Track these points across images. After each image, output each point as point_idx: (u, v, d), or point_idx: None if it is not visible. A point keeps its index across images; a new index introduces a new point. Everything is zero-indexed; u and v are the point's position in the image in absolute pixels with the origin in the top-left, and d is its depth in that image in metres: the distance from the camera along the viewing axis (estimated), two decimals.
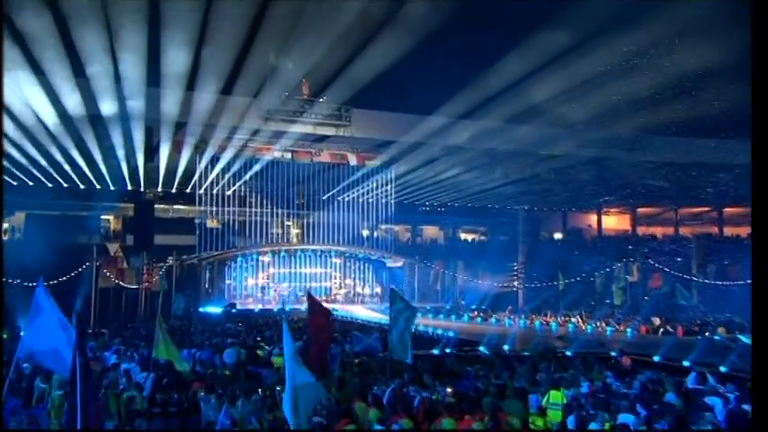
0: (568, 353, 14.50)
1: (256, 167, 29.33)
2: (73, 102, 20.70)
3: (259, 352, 12.85)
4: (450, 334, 18.36)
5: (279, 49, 23.37)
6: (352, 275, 32.61)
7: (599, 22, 18.50)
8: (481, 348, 15.47)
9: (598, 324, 22.76)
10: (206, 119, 23.83)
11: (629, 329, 21.40)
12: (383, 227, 34.91)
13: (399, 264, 32.04)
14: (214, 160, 28.21)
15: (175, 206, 32.64)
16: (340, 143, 29.66)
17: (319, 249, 31.45)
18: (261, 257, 30.90)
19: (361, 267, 32.66)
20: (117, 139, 24.13)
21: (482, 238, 39.63)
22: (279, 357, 11.94)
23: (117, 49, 18.56)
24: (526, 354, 14.39)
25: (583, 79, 21.91)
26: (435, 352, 14.83)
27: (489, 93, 22.30)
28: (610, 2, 17.99)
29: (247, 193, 31.31)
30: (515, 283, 31.22)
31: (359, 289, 32.28)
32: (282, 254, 30.95)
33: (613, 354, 13.85)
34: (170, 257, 27.63)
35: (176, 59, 19.73)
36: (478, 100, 22.80)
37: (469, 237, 39.98)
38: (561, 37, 19.85)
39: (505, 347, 15.85)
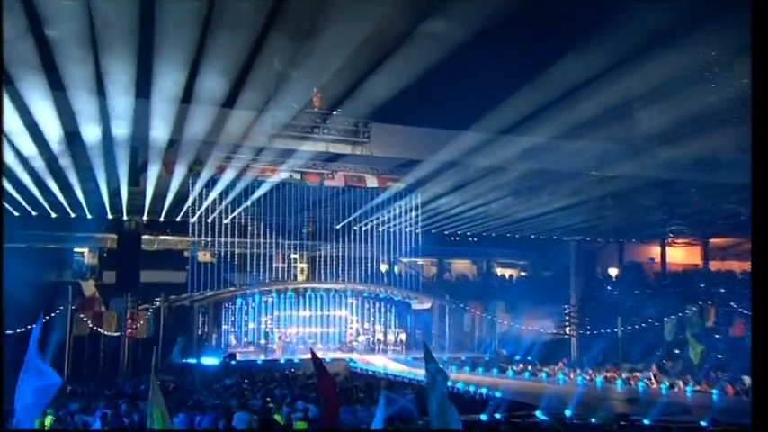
0: (646, 421, 13.83)
1: (259, 192, 29.54)
2: (44, 115, 20.71)
3: (278, 417, 12.36)
4: (498, 394, 17.63)
5: (289, 55, 23.62)
6: (372, 319, 32.55)
7: (672, 18, 18.49)
8: (538, 413, 14.81)
9: (674, 382, 21.92)
10: (203, 135, 23.89)
11: (714, 390, 20.54)
12: (405, 260, 35.01)
13: (427, 305, 31.69)
14: (210, 183, 28.32)
15: (162, 237, 32.86)
16: (357, 163, 29.69)
17: (333, 288, 31.15)
18: (264, 298, 30.53)
19: (383, 310, 32.58)
20: (96, 159, 24.20)
21: (522, 273, 39.18)
22: (302, 423, 11.63)
23: (100, 54, 18.57)
24: (594, 421, 13.76)
25: (649, 87, 21.79)
26: (483, 418, 14.26)
27: (535, 104, 22.31)
28: None
29: (248, 222, 31.62)
30: (567, 329, 30.52)
31: (379, 335, 32.11)
32: (289, 293, 30.85)
33: (703, 423, 13.17)
34: (157, 299, 27.35)
35: (171, 67, 19.80)
36: (522, 112, 22.81)
37: (507, 272, 39.68)
38: (622, 38, 19.67)
39: (567, 412, 15.18)
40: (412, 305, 32.23)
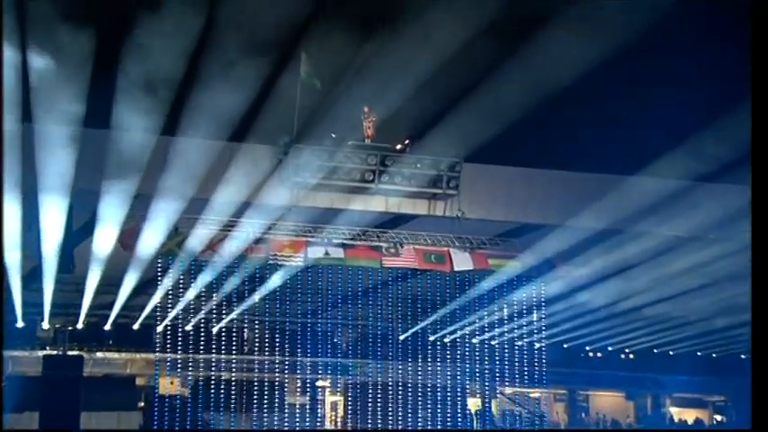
0: None
1: (273, 279, 29.97)
2: None
3: None
4: None
5: (331, 59, 24.96)
6: None
7: None
8: None
9: None
10: (188, 189, 24.32)
11: None
12: (508, 391, 35.66)
13: None
14: (193, 267, 28.90)
15: (102, 354, 33.71)
16: (437, 229, 29.86)
17: None
18: None
19: None
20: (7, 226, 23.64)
21: (719, 418, 38.28)
22: None
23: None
24: None
25: None
26: None
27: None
28: None
29: (250, 326, 32.91)
30: None
31: None
32: None
33: None
34: None
35: (144, 77, 20.63)
36: (733, 143, 22.62)
37: (690, 415, 39.22)
38: None
39: None
40: None
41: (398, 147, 27.76)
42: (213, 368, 31.87)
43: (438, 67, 22.97)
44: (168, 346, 30.98)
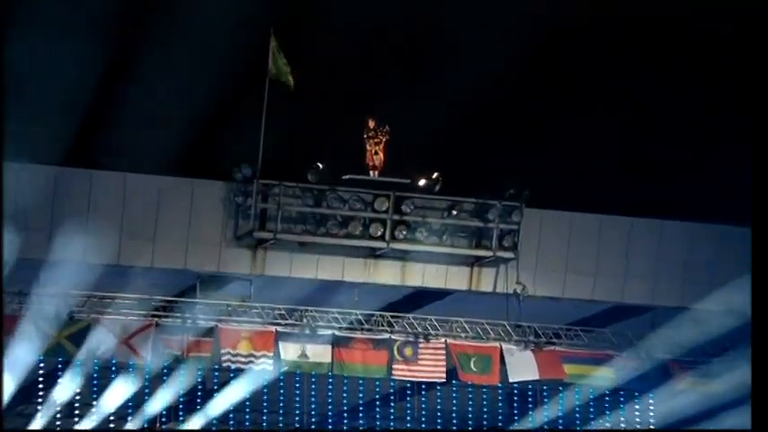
0: None
1: (223, 393, 28.62)
2: None
3: None
4: None
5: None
6: None
7: None
8: None
9: None
10: (100, 251, 22.91)
11: None
12: None
13: None
14: (99, 375, 26.75)
15: None
16: (482, 314, 27.23)
17: None
18: None
19: None
20: None
21: None
22: None
23: None
24: None
25: None
26: None
27: None
28: None
29: None
30: None
31: None
32: None
33: None
34: None
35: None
36: None
37: None
38: None
39: None
40: None
41: (423, 182, 25.76)
42: None
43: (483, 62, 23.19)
44: None
